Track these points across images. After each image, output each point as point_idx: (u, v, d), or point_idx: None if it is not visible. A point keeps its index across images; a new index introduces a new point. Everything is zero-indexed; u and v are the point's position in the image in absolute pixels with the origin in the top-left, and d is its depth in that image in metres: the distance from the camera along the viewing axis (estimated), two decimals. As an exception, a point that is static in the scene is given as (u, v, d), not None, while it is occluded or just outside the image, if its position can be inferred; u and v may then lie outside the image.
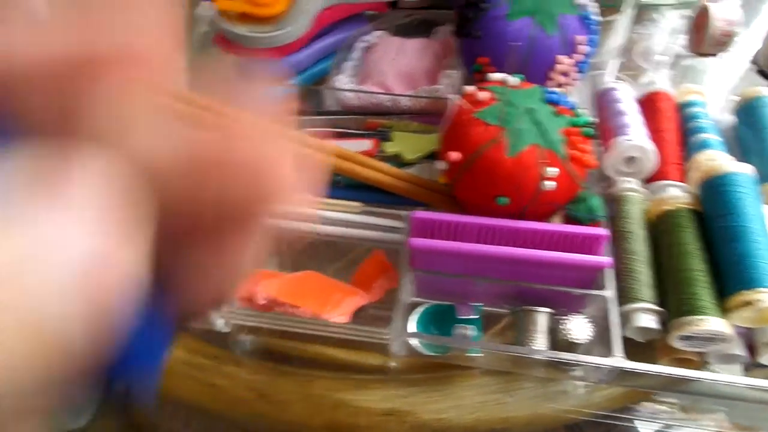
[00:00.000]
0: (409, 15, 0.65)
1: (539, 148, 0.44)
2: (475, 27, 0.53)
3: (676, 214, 0.45)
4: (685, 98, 0.53)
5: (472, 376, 0.48)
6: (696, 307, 0.40)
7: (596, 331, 0.46)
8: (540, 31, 0.52)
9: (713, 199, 0.43)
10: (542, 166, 0.43)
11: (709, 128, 0.50)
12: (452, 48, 0.61)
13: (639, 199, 0.48)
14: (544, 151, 0.43)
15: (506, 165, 0.43)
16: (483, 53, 0.53)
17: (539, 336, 0.45)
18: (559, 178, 0.43)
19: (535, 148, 0.44)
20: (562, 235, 0.44)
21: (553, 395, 0.47)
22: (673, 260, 0.43)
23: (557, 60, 0.52)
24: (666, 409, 0.48)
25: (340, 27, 0.63)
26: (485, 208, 0.45)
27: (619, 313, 0.43)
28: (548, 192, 0.44)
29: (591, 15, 0.54)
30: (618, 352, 0.41)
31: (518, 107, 0.45)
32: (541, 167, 0.43)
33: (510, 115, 0.44)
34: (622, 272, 0.44)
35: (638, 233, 0.46)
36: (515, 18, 0.52)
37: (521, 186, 0.44)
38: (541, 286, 0.45)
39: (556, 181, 0.43)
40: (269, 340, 0.50)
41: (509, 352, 0.43)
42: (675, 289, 0.42)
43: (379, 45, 0.63)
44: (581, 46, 0.52)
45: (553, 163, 0.43)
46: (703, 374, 0.40)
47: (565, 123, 0.46)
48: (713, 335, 0.40)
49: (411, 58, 0.60)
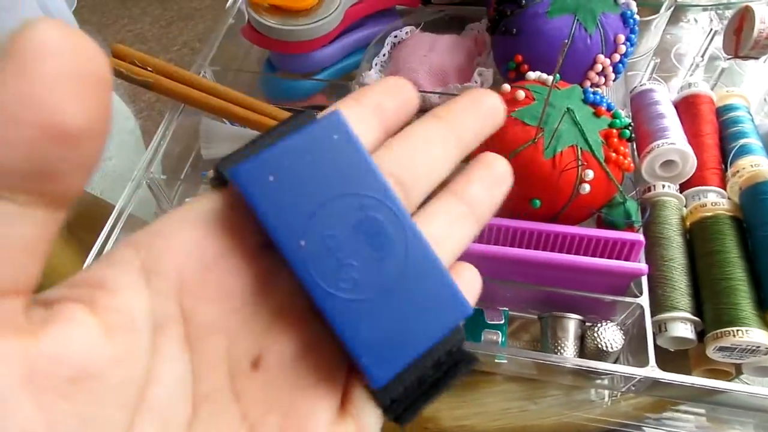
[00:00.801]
0: (441, 11, 0.64)
1: (578, 150, 0.42)
2: (512, 24, 0.52)
3: (716, 221, 0.43)
4: (725, 102, 0.51)
5: (496, 383, 0.47)
6: (737, 318, 0.39)
7: (629, 340, 0.45)
8: (581, 29, 0.50)
9: (755, 207, 0.42)
10: (580, 169, 0.42)
11: (750, 133, 0.48)
12: (485, 45, 0.60)
13: (676, 204, 0.46)
14: (583, 153, 0.42)
15: (543, 166, 0.42)
16: (520, 51, 0.52)
17: (569, 343, 0.44)
18: (596, 181, 0.42)
19: (574, 150, 0.42)
20: (596, 240, 0.43)
21: (578, 404, 0.46)
22: (712, 269, 0.42)
23: (596, 59, 0.51)
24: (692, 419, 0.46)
25: (370, 21, 0.62)
26: (519, 211, 0.44)
27: (654, 322, 0.42)
28: (584, 195, 0.42)
29: (633, 13, 0.52)
30: (653, 362, 0.40)
31: (557, 107, 0.44)
32: (578, 170, 0.42)
33: (549, 116, 0.43)
34: (657, 279, 0.43)
35: (675, 239, 0.44)
36: (556, 15, 0.51)
37: (557, 189, 0.43)
38: (573, 292, 0.44)
39: (593, 185, 0.42)
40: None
41: (540, 359, 0.42)
42: (713, 299, 0.41)
43: (409, 41, 0.62)
44: (621, 46, 0.51)
45: (591, 166, 0.42)
46: (738, 386, 0.39)
47: (604, 125, 0.44)
48: (754, 347, 0.39)
49: (442, 55, 0.59)
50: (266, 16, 0.55)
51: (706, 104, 0.51)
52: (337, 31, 0.58)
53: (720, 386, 0.39)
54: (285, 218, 0.15)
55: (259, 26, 0.55)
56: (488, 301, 0.47)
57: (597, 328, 0.43)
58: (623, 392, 0.46)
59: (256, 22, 0.55)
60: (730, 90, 0.52)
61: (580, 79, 0.52)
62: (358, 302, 0.16)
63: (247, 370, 0.16)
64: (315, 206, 0.16)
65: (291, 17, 0.55)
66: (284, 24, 0.55)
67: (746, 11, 0.60)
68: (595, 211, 0.44)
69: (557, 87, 0.46)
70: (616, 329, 0.43)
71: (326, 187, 0.16)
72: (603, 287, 0.45)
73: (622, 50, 0.51)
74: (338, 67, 0.62)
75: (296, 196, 0.16)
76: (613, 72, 0.52)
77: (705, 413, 0.46)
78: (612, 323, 0.44)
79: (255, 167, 0.15)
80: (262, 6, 0.55)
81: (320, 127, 0.16)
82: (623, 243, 0.43)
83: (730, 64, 0.64)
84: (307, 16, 0.55)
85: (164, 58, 1.96)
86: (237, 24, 0.65)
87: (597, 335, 0.43)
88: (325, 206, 0.16)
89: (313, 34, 0.55)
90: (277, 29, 0.55)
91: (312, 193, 0.16)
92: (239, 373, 0.16)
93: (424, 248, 0.17)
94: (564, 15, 0.50)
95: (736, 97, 0.51)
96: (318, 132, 0.16)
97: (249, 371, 0.16)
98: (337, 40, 0.60)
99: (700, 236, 0.44)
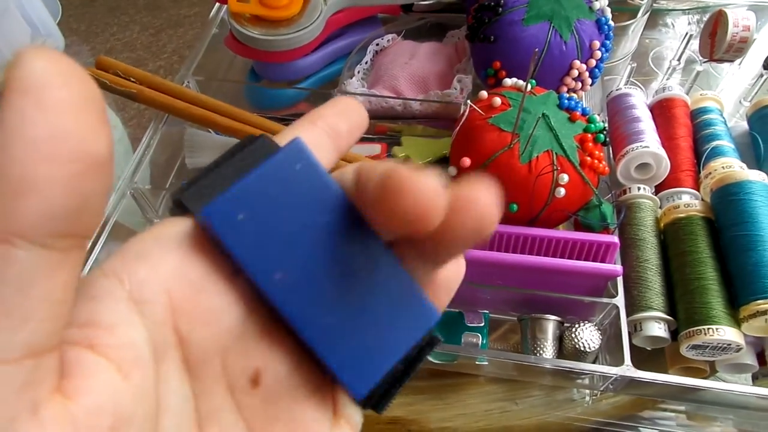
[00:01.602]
0: (423, 18, 0.65)
1: (553, 155, 0.43)
2: (489, 31, 0.53)
3: (688, 222, 0.44)
4: (699, 105, 0.53)
5: (478, 384, 0.48)
6: (708, 317, 0.40)
7: (605, 339, 0.46)
8: (556, 36, 0.51)
9: (726, 208, 0.43)
10: (555, 173, 0.43)
11: (723, 135, 0.50)
12: (465, 52, 0.61)
13: (651, 206, 0.47)
14: (558, 158, 0.43)
15: (519, 172, 0.43)
16: (497, 58, 0.53)
17: (548, 344, 0.45)
18: (571, 185, 0.43)
19: (549, 155, 0.43)
20: (573, 243, 0.44)
21: (560, 403, 0.47)
22: (684, 268, 0.43)
23: (572, 65, 0.52)
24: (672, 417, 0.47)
25: (352, 30, 0.63)
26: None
27: (629, 322, 0.43)
28: (560, 199, 0.43)
29: (608, 20, 0.53)
30: (628, 362, 0.41)
31: (533, 113, 0.45)
32: (554, 174, 0.43)
33: (524, 122, 0.44)
34: (632, 280, 0.44)
35: (650, 241, 0.45)
36: (532, 23, 0.52)
37: (534, 193, 0.44)
38: (551, 294, 0.45)
39: (569, 188, 0.43)
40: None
41: (519, 360, 0.43)
42: (686, 298, 0.42)
43: (391, 48, 0.63)
44: (596, 52, 0.52)
45: (566, 170, 0.43)
46: (711, 384, 0.40)
47: (579, 129, 0.45)
48: (725, 345, 0.40)
49: (423, 62, 0.60)
50: (248, 27, 0.56)
51: (680, 107, 0.52)
52: (319, 39, 0.59)
53: (693, 384, 0.40)
54: (258, 254, 0.16)
55: (242, 36, 0.56)
56: (468, 304, 0.48)
57: (575, 329, 0.44)
58: (602, 391, 0.47)
59: (238, 33, 0.56)
60: (704, 93, 0.53)
61: (557, 85, 0.53)
62: (334, 324, 0.16)
63: (247, 388, 0.17)
64: (286, 239, 0.16)
65: (272, 27, 0.56)
66: (266, 34, 0.56)
67: (720, 15, 0.61)
68: (572, 214, 0.45)
69: (533, 93, 0.47)
70: (594, 329, 0.44)
71: (295, 218, 0.16)
72: (581, 289, 0.46)
73: (598, 56, 0.52)
74: (321, 75, 0.62)
75: (267, 232, 0.16)
76: (589, 77, 0.53)
77: (685, 411, 0.47)
78: (590, 324, 0.45)
79: (223, 208, 0.15)
80: (244, 16, 0.56)
81: (283, 158, 0.16)
82: (599, 245, 0.44)
83: (706, 67, 0.65)
84: (288, 26, 0.56)
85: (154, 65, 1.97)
86: (221, 34, 0.65)
87: (574, 336, 0.44)
88: (296, 237, 0.16)
89: (295, 44, 0.56)
90: (258, 39, 0.55)
91: (282, 226, 0.16)
92: (239, 390, 0.17)
93: (392, 264, 0.17)
94: (540, 22, 0.51)
95: (710, 100, 0.52)
96: (281, 163, 0.16)
97: (249, 389, 0.17)
98: (320, 48, 0.61)
99: (674, 237, 0.45)
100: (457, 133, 0.47)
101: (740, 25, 0.59)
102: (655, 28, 0.72)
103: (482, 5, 0.54)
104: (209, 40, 0.65)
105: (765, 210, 0.41)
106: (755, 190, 0.42)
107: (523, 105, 0.43)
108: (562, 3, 0.51)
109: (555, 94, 0.47)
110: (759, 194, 0.42)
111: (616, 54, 0.66)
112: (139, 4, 2.21)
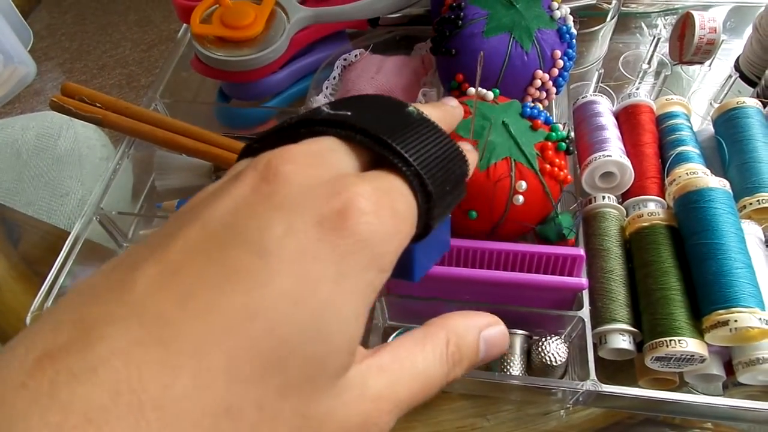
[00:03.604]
0: (390, 32, 0.65)
1: (511, 162, 0.43)
2: (451, 44, 0.53)
3: (652, 231, 0.44)
4: (665, 110, 0.52)
5: (450, 400, 0.47)
6: (670, 328, 0.39)
7: (574, 352, 0.45)
8: (517, 47, 0.51)
9: (688, 216, 0.43)
10: (513, 180, 0.43)
11: (688, 140, 0.49)
12: (432, 64, 0.61)
13: (615, 215, 0.47)
14: (517, 165, 0.43)
15: (478, 178, 0.43)
16: (460, 70, 0.53)
17: (515, 358, 0.44)
18: (531, 193, 0.43)
19: (507, 162, 0.43)
20: (539, 256, 0.44)
21: (533, 417, 0.47)
22: (648, 279, 0.42)
23: (534, 75, 0.52)
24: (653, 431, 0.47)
25: (320, 46, 0.63)
26: (456, 223, 0.45)
27: (594, 334, 0.43)
28: (519, 207, 0.43)
29: (570, 29, 0.53)
30: (593, 375, 0.41)
31: (492, 121, 0.44)
32: (511, 181, 0.43)
33: (483, 129, 0.44)
34: (597, 292, 0.44)
35: (614, 251, 0.45)
36: (492, 34, 0.51)
37: (492, 200, 0.43)
38: (518, 308, 0.45)
39: (528, 197, 0.43)
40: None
41: (483, 378, 0.42)
42: (650, 309, 0.41)
43: (358, 63, 0.62)
44: (558, 61, 0.52)
45: (526, 177, 0.43)
46: (677, 396, 0.39)
47: (541, 137, 0.45)
48: (688, 356, 0.39)
49: (390, 76, 0.59)
50: (212, 48, 0.56)
51: (646, 113, 0.51)
52: (285, 57, 0.59)
53: (659, 396, 0.40)
54: None
55: (205, 58, 0.56)
56: (435, 321, 0.47)
57: (541, 343, 0.44)
58: (573, 405, 0.46)
59: (202, 55, 0.56)
60: (670, 98, 0.53)
61: (521, 95, 0.53)
62: None
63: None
64: None
65: (236, 48, 0.56)
66: (230, 55, 0.56)
67: (687, 17, 0.61)
68: (531, 227, 0.44)
69: (496, 102, 0.47)
70: (560, 343, 0.44)
71: None
72: (548, 302, 0.45)
73: (560, 65, 0.52)
74: (290, 92, 0.62)
75: None
76: (553, 86, 0.53)
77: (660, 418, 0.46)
78: (557, 337, 0.44)
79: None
80: (207, 38, 0.56)
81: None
82: (564, 258, 0.43)
83: (677, 70, 0.65)
84: (252, 47, 0.56)
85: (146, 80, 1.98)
86: (189, 54, 0.65)
87: (541, 349, 0.44)
88: None
89: (259, 63, 0.56)
90: (223, 60, 0.55)
91: None
92: None
93: None
94: (500, 34, 0.51)
95: (676, 105, 0.52)
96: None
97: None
98: (287, 66, 0.61)
99: (638, 246, 0.44)
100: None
101: (707, 27, 0.58)
102: (627, 31, 0.71)
103: (443, 18, 0.53)
104: (178, 62, 0.65)
105: (726, 218, 0.41)
106: (716, 197, 0.42)
107: (476, 110, 0.43)
108: (522, 13, 0.51)
109: (518, 103, 0.47)
110: (720, 201, 0.42)
111: (587, 59, 0.66)
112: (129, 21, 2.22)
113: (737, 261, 0.39)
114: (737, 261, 0.39)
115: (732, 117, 0.49)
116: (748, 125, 0.48)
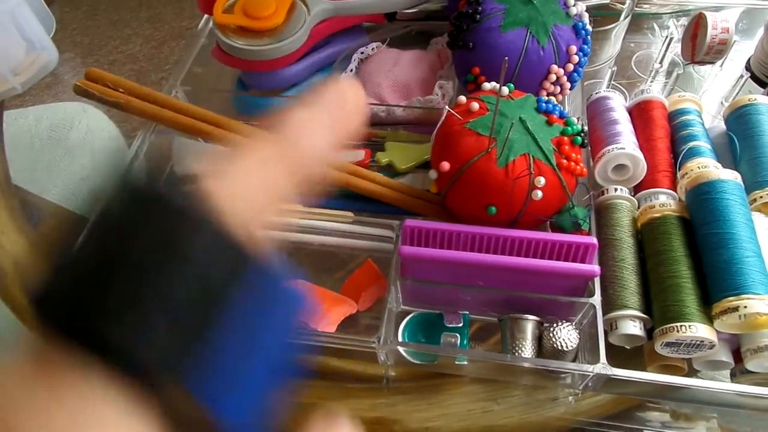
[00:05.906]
0: (407, 26, 0.66)
1: (530, 158, 0.44)
2: (468, 38, 0.54)
3: (664, 221, 0.45)
4: (677, 106, 0.53)
5: (461, 384, 0.48)
6: (681, 314, 0.40)
7: (585, 339, 0.46)
8: (533, 42, 0.52)
9: (700, 207, 0.44)
10: (532, 177, 0.44)
11: (699, 136, 0.50)
12: (448, 59, 0.62)
13: (628, 206, 0.48)
14: (535, 161, 0.44)
15: (497, 175, 0.44)
16: (477, 63, 0.54)
17: (526, 343, 0.45)
18: (549, 187, 0.44)
19: (526, 158, 0.44)
20: (552, 244, 0.45)
21: (542, 403, 0.48)
22: (659, 267, 0.43)
23: (550, 70, 0.53)
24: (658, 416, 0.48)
25: (337, 39, 0.64)
26: (476, 218, 0.46)
27: (605, 320, 0.44)
28: (538, 201, 0.44)
29: (585, 25, 0.54)
30: (603, 359, 0.42)
31: (510, 117, 0.45)
32: (530, 177, 0.44)
33: (501, 126, 0.45)
34: (609, 279, 0.45)
35: (626, 240, 0.46)
36: (509, 29, 0.53)
37: (512, 196, 0.44)
38: (531, 295, 0.46)
39: (546, 191, 0.44)
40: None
41: (495, 360, 0.43)
42: (661, 296, 0.42)
43: (375, 56, 0.64)
44: (574, 56, 0.53)
45: (544, 173, 0.44)
46: (686, 381, 0.40)
47: (557, 132, 0.46)
48: (698, 342, 0.40)
49: (406, 69, 0.61)
50: (233, 37, 0.57)
51: (658, 109, 0.53)
52: (304, 49, 0.60)
53: (668, 381, 0.41)
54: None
55: (227, 47, 0.57)
56: (448, 305, 0.48)
57: (553, 329, 0.45)
58: (582, 390, 0.47)
59: (223, 44, 0.57)
60: (682, 95, 0.54)
61: (536, 90, 0.54)
62: None
63: None
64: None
65: (257, 37, 0.57)
66: (251, 44, 0.57)
67: (700, 18, 0.62)
68: (545, 219, 0.45)
69: (511, 97, 0.48)
70: (572, 329, 0.45)
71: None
72: (561, 289, 0.46)
73: (575, 60, 0.53)
74: (306, 84, 0.64)
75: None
76: (568, 81, 0.54)
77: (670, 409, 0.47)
78: (567, 323, 0.45)
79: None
80: (229, 27, 0.57)
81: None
82: (578, 246, 0.45)
83: (689, 69, 0.66)
84: (272, 36, 0.57)
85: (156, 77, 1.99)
86: (210, 44, 0.67)
87: (552, 335, 0.44)
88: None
89: (280, 53, 0.57)
90: (244, 50, 0.57)
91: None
92: None
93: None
94: (517, 28, 0.52)
95: (688, 102, 0.53)
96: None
97: None
98: (306, 57, 0.62)
99: (650, 236, 0.45)
100: (435, 138, 0.48)
101: (719, 28, 0.59)
102: (640, 32, 0.73)
103: (461, 13, 0.55)
104: (200, 52, 0.67)
105: (737, 208, 0.42)
106: (727, 188, 0.43)
107: (497, 110, 0.44)
108: (538, 9, 0.52)
109: (533, 97, 0.48)
110: (731, 193, 0.43)
111: (600, 58, 0.67)
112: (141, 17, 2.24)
113: (748, 250, 0.40)
114: (748, 250, 0.40)
115: (744, 113, 0.50)
116: (760, 121, 0.49)
